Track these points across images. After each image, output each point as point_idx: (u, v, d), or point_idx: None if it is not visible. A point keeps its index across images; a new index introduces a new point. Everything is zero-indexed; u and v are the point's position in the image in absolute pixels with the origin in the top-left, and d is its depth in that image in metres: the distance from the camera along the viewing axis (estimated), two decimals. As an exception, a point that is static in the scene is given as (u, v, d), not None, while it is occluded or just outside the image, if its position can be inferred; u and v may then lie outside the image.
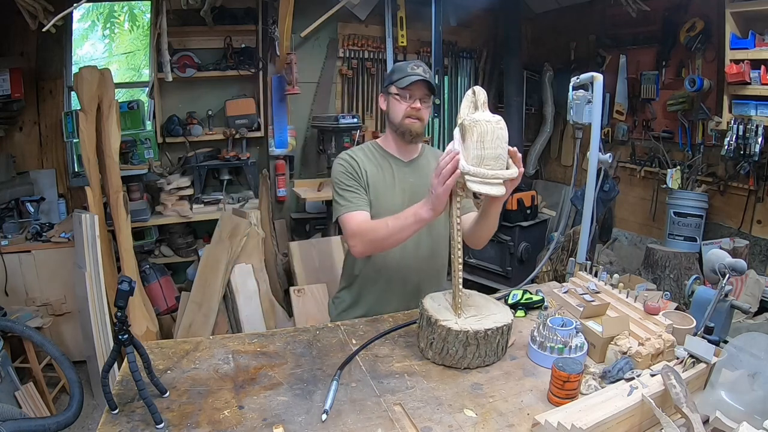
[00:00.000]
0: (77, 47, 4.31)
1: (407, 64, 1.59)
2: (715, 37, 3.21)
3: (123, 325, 1.07)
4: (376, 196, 1.61)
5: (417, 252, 1.65)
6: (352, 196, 1.58)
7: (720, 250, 1.56)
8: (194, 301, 3.02)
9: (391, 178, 1.64)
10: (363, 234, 1.50)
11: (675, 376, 1.07)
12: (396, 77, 1.58)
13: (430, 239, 1.66)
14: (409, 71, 1.55)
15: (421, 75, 1.54)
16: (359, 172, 1.61)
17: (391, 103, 1.61)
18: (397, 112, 1.59)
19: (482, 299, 1.44)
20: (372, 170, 1.63)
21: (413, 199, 1.57)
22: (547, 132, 4.57)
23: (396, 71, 1.60)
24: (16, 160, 3.33)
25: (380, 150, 1.69)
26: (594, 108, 1.89)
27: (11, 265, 2.87)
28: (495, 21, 4.55)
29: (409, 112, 1.57)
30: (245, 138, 3.66)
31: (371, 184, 1.61)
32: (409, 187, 1.64)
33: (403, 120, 1.58)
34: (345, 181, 1.60)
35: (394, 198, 1.62)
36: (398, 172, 1.65)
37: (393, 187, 1.63)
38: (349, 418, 1.09)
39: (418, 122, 1.59)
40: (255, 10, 3.62)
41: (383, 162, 1.66)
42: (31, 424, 1.93)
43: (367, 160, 1.65)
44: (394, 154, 1.67)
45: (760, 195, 3.11)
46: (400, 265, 1.64)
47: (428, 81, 1.55)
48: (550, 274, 3.42)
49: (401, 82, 1.55)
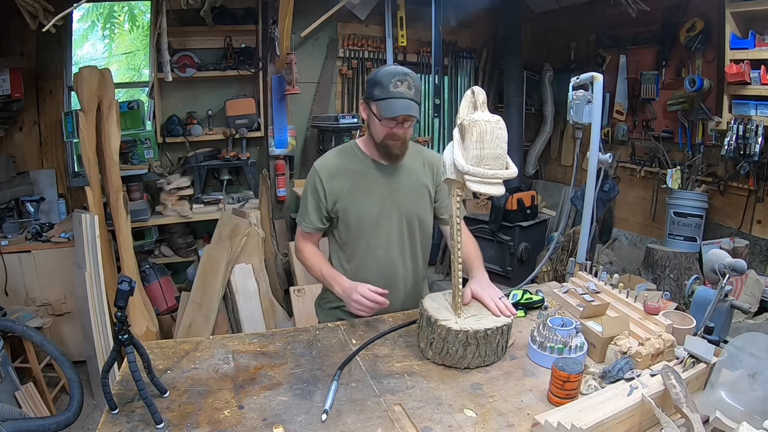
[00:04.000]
0: (77, 47, 4.31)
1: (389, 76, 1.44)
2: (715, 37, 3.21)
3: (123, 325, 1.07)
4: (351, 201, 1.57)
5: (401, 252, 1.63)
6: (310, 211, 1.60)
7: (720, 250, 1.56)
8: (194, 301, 3.02)
9: (371, 183, 1.58)
10: (301, 259, 1.68)
11: (675, 376, 1.07)
12: (377, 95, 1.46)
13: (411, 243, 1.64)
14: (392, 91, 1.43)
15: (403, 96, 1.43)
16: (321, 193, 1.57)
17: (372, 120, 1.51)
18: (378, 133, 1.52)
19: (482, 299, 1.44)
20: (347, 177, 1.57)
21: (396, 202, 1.58)
22: (547, 132, 4.58)
23: (377, 86, 1.46)
24: (16, 160, 3.33)
25: (360, 153, 1.61)
26: (594, 108, 1.89)
27: (11, 265, 2.87)
28: (495, 21, 4.55)
29: (390, 135, 1.50)
30: (245, 138, 3.66)
31: (345, 192, 1.56)
32: (389, 191, 1.59)
33: (384, 141, 1.52)
34: (310, 194, 1.60)
35: (371, 202, 1.57)
36: (377, 175, 1.59)
37: (370, 191, 1.58)
38: (349, 418, 1.09)
39: (399, 143, 1.52)
40: (255, 10, 3.62)
41: (363, 166, 1.59)
42: (31, 424, 1.93)
43: (344, 166, 1.58)
44: (375, 158, 1.60)
45: (760, 195, 3.11)
46: (383, 268, 1.62)
47: (413, 102, 1.45)
48: (550, 274, 3.42)
49: (383, 109, 1.44)
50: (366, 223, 1.58)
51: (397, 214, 1.59)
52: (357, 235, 1.60)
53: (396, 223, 1.60)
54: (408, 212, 1.61)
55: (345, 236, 1.62)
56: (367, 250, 1.60)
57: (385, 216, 1.58)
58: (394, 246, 1.61)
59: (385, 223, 1.59)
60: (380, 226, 1.59)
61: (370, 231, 1.59)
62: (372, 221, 1.58)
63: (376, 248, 1.60)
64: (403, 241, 1.62)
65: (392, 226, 1.60)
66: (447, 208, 1.65)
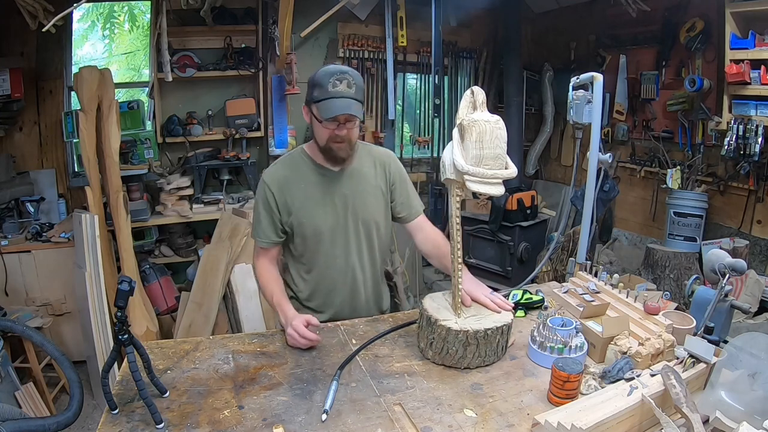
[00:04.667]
0: (77, 47, 4.30)
1: (328, 76, 1.38)
2: (715, 37, 3.21)
3: (123, 325, 1.08)
4: (305, 213, 1.52)
5: (360, 257, 1.60)
6: (264, 225, 1.55)
7: (720, 250, 1.56)
8: (194, 301, 3.01)
9: (321, 192, 1.53)
10: (257, 277, 1.63)
11: (675, 376, 1.07)
12: (317, 96, 1.40)
13: (369, 247, 1.61)
14: (331, 90, 1.37)
15: (342, 95, 1.38)
16: (273, 206, 1.52)
17: (314, 123, 1.46)
18: (321, 136, 1.46)
19: (482, 299, 1.44)
20: (298, 189, 1.52)
21: (351, 210, 1.55)
22: (547, 132, 4.57)
23: (316, 87, 1.41)
24: (16, 160, 3.33)
25: (310, 161, 1.55)
26: (594, 108, 1.89)
27: (11, 265, 2.87)
28: (495, 21, 4.54)
29: (333, 138, 1.44)
30: (245, 138, 3.65)
31: (297, 205, 1.52)
32: (342, 200, 1.54)
33: (328, 144, 1.45)
34: (262, 207, 1.54)
35: (325, 213, 1.53)
36: (329, 184, 1.54)
37: (323, 201, 1.53)
38: (349, 418, 1.09)
39: (344, 145, 1.45)
40: (255, 10, 3.62)
41: (312, 175, 1.54)
42: (31, 424, 1.93)
43: (294, 177, 1.53)
44: (325, 165, 1.54)
45: (760, 195, 3.10)
46: (344, 276, 1.59)
47: (354, 101, 1.39)
48: (550, 274, 3.42)
49: (322, 110, 1.39)
50: (323, 234, 1.54)
51: (353, 222, 1.56)
52: (315, 246, 1.56)
53: (353, 230, 1.56)
54: (364, 218, 1.57)
55: (302, 248, 1.57)
56: (326, 260, 1.57)
57: (341, 225, 1.55)
58: (353, 253, 1.58)
59: (342, 232, 1.55)
60: (337, 235, 1.55)
61: (327, 241, 1.55)
62: (329, 231, 1.54)
63: (335, 257, 1.57)
64: (362, 247, 1.59)
65: (349, 233, 1.56)
66: (405, 206, 1.63)
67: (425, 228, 1.66)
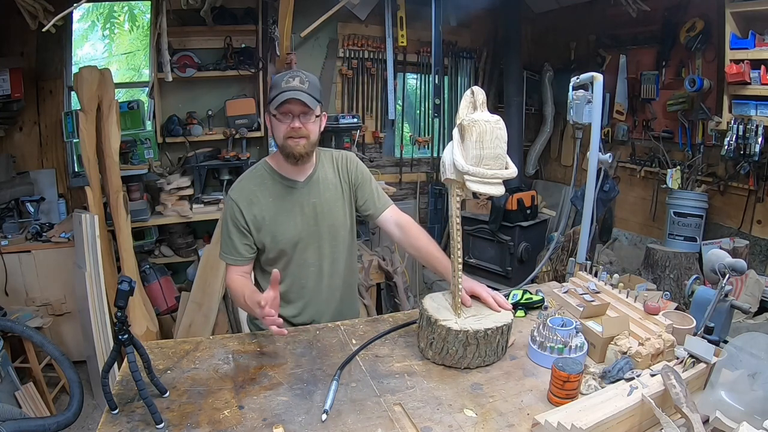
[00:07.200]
0: (77, 47, 4.29)
1: (283, 76, 1.42)
2: (715, 37, 3.21)
3: (123, 325, 1.08)
4: (276, 227, 1.51)
5: (332, 263, 1.59)
6: (236, 243, 1.51)
7: (720, 250, 1.56)
8: (194, 301, 3.02)
9: (290, 204, 1.52)
10: (230, 292, 1.61)
11: (675, 376, 1.07)
12: (272, 95, 1.42)
13: (340, 252, 1.60)
14: (284, 86, 1.39)
15: (294, 88, 1.38)
16: (242, 222, 1.50)
17: (273, 124, 1.46)
18: (278, 134, 1.45)
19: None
20: (266, 203, 1.51)
21: (318, 219, 1.54)
22: (547, 132, 4.58)
23: (273, 87, 1.43)
24: (16, 160, 3.33)
25: (274, 174, 1.54)
26: (594, 108, 1.89)
27: (11, 265, 2.87)
28: (495, 21, 4.55)
29: (290, 133, 1.42)
30: (245, 138, 3.65)
31: (267, 220, 1.50)
32: (311, 209, 1.53)
33: (285, 141, 1.44)
34: (231, 225, 1.51)
35: (296, 224, 1.52)
36: (297, 195, 1.53)
37: (293, 213, 1.52)
38: (349, 418, 1.09)
39: (302, 141, 1.43)
40: (255, 10, 3.62)
41: (279, 188, 1.53)
42: (31, 424, 1.94)
43: (260, 192, 1.51)
44: (289, 176, 1.53)
45: (760, 195, 3.11)
46: (317, 284, 1.59)
47: (305, 93, 1.39)
48: (550, 274, 3.42)
49: (274, 103, 1.40)
50: (295, 247, 1.53)
51: (324, 231, 1.55)
52: (287, 260, 1.54)
53: (325, 239, 1.56)
54: (333, 225, 1.56)
55: (273, 263, 1.55)
56: (299, 270, 1.56)
57: (312, 236, 1.54)
58: (325, 260, 1.57)
59: (314, 242, 1.55)
60: (309, 246, 1.54)
61: (299, 253, 1.54)
62: (302, 244, 1.53)
63: (308, 266, 1.56)
64: (334, 253, 1.58)
65: (321, 242, 1.56)
66: (371, 203, 1.62)
67: (402, 223, 1.61)
